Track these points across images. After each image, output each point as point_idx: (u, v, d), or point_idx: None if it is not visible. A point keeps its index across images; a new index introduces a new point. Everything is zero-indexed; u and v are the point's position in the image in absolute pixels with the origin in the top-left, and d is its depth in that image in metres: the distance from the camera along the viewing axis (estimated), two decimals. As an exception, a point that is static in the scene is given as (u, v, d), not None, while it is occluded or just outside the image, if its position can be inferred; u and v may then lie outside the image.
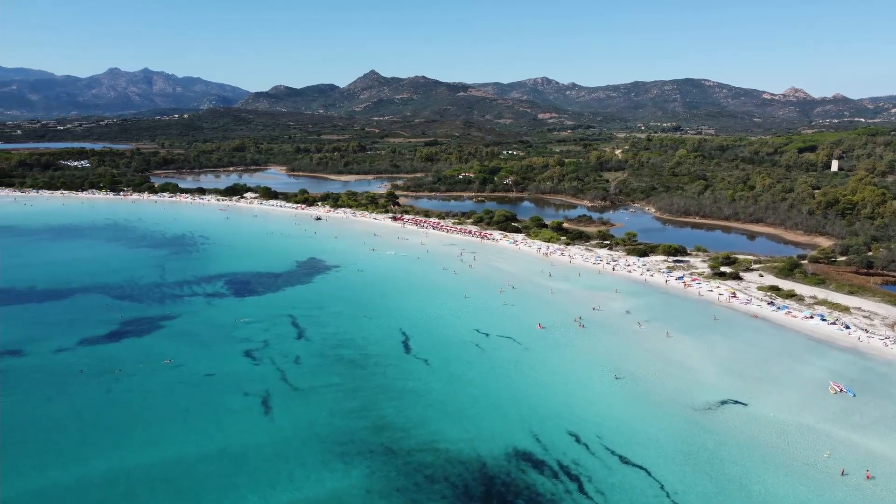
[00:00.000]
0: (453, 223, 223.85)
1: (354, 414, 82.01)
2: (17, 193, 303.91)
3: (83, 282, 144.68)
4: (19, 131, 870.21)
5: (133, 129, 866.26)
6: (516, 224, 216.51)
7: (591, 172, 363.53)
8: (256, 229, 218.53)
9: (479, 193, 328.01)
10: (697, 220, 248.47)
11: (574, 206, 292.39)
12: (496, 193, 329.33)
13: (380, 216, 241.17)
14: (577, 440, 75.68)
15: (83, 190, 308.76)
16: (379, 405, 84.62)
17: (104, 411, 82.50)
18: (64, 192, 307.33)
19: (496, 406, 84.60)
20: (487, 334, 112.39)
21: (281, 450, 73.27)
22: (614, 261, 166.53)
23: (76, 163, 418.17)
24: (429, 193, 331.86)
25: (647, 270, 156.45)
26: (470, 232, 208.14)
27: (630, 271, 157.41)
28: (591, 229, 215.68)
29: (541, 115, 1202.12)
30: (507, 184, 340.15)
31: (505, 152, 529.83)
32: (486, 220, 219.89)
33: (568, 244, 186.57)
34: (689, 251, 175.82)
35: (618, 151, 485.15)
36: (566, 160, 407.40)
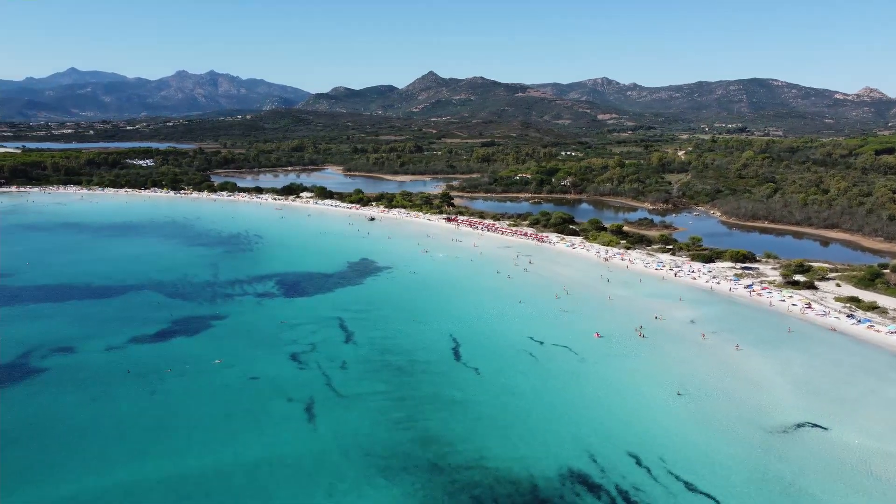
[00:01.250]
0: (508, 225, 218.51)
1: (400, 425, 78.04)
2: (84, 191, 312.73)
3: (138, 279, 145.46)
4: (92, 131, 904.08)
5: (198, 130, 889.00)
6: (574, 226, 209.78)
7: (653, 174, 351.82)
8: (310, 229, 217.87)
9: (535, 195, 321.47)
10: (766, 224, 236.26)
11: (634, 209, 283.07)
12: (553, 195, 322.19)
13: (434, 217, 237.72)
14: (638, 463, 69.83)
15: (146, 188, 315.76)
16: (425, 416, 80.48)
17: (146, 414, 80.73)
18: (128, 190, 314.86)
19: (550, 421, 79.32)
20: (542, 342, 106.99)
21: (321, 461, 69.96)
22: (677, 266, 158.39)
23: (141, 162, 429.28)
24: (484, 194, 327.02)
25: (713, 277, 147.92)
26: (526, 234, 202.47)
27: (694, 278, 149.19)
28: (653, 233, 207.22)
29: (600, 116, 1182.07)
30: (564, 185, 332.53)
31: (563, 153, 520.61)
32: (543, 223, 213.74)
33: (628, 248, 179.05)
34: (758, 258, 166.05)
35: (680, 153, 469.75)
36: (626, 161, 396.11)
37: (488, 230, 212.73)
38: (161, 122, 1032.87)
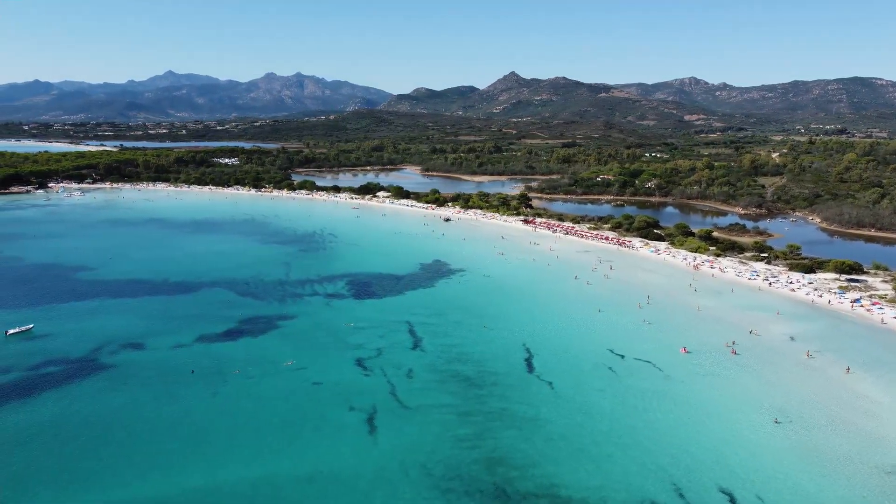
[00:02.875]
0: (589, 228, 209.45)
1: (465, 443, 72.33)
2: (172, 188, 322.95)
3: (212, 276, 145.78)
4: (184, 131, 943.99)
5: (283, 130, 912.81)
6: (659, 231, 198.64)
7: (744, 177, 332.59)
8: (384, 229, 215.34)
9: (617, 197, 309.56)
10: (873, 233, 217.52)
11: (724, 214, 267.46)
12: (637, 197, 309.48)
13: (511, 218, 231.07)
14: (731, 501, 61.60)
15: (228, 186, 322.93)
16: (494, 434, 74.43)
17: (204, 417, 78.17)
18: (212, 187, 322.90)
19: (631, 447, 71.74)
20: (622, 356, 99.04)
21: (379, 479, 65.08)
22: (773, 277, 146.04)
23: (227, 160, 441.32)
24: (564, 196, 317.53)
25: (815, 290, 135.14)
26: (607, 238, 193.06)
27: (793, 290, 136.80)
28: (745, 239, 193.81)
29: (687, 117, 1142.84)
30: (649, 187, 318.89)
31: (647, 154, 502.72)
32: (626, 226, 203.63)
33: (718, 255, 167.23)
34: (865, 269, 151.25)
35: (774, 155, 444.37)
36: (715, 164, 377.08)
37: (567, 233, 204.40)
38: (249, 123, 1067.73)
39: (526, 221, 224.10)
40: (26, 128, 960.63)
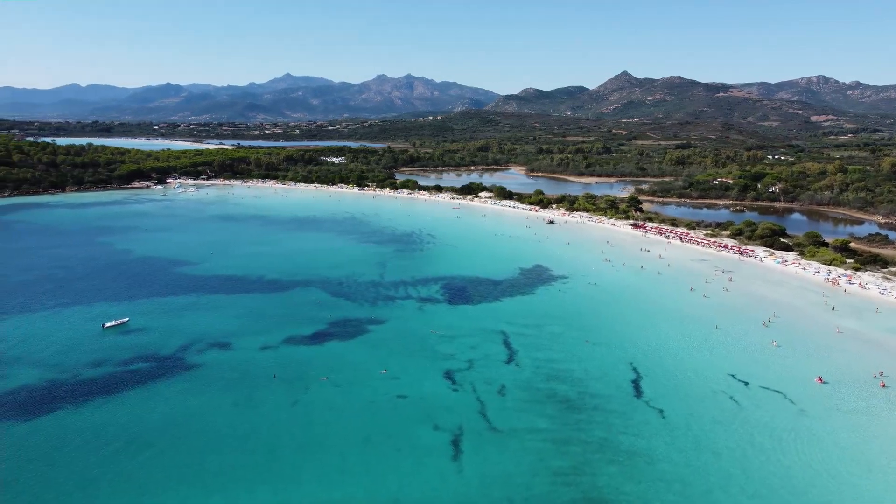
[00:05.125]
0: (705, 235, 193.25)
1: (561, 477, 63.52)
2: (279, 185, 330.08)
3: (307, 274, 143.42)
4: (298, 131, 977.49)
5: (391, 130, 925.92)
6: (786, 240, 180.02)
7: (884, 182, 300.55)
8: (484, 230, 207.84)
9: (737, 202, 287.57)
10: None
11: (860, 222, 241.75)
12: (758, 203, 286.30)
13: (619, 222, 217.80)
14: (893, 581, 49.60)
15: (333, 184, 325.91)
16: (594, 469, 65.14)
17: (282, 428, 73.29)
18: (317, 185, 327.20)
19: (759, 496, 60.58)
20: (746, 383, 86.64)
21: (461, 514, 57.51)
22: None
23: (334, 159, 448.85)
24: (677, 199, 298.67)
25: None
26: (726, 246, 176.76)
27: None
28: (889, 252, 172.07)
29: (814, 118, 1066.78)
30: (772, 192, 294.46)
31: (770, 157, 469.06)
32: (747, 234, 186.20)
33: (857, 269, 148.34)
34: None
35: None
36: (849, 167, 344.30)
37: (681, 239, 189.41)
38: (358, 123, 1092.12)
39: (635, 226, 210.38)
40: (156, 127, 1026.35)
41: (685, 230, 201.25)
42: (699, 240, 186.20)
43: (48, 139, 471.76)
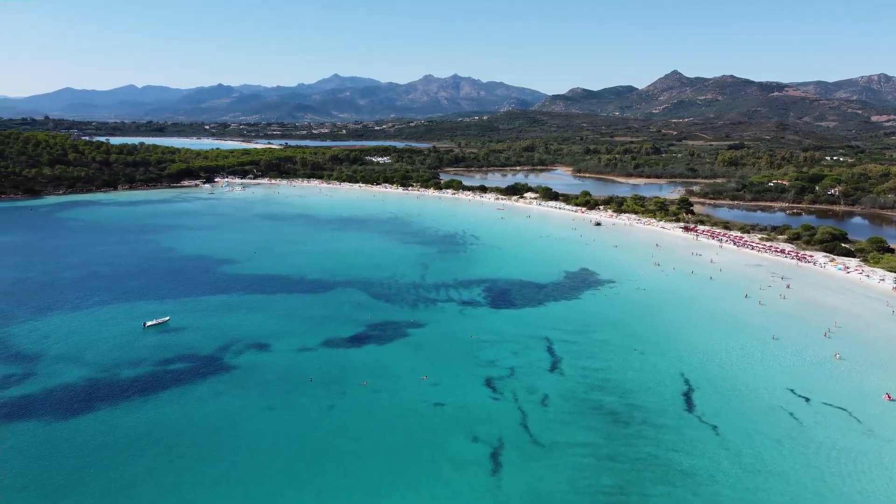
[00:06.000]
0: (760, 239, 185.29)
1: (606, 497, 59.75)
2: (324, 185, 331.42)
3: (348, 275, 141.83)
4: (344, 131, 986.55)
5: (436, 130, 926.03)
6: (847, 245, 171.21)
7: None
8: (529, 232, 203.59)
9: (793, 204, 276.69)
10: None
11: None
12: (816, 206, 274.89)
13: (669, 225, 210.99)
14: None
15: (378, 184, 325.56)
16: (642, 489, 61.10)
17: (316, 433, 71.14)
18: (362, 185, 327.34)
19: (824, 527, 55.75)
20: (807, 399, 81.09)
21: (499, 535, 54.23)
22: None
23: (379, 159, 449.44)
24: (730, 202, 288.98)
25: None
26: (782, 251, 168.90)
27: None
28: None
29: (875, 118, 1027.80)
30: (831, 195, 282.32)
31: (828, 158, 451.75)
32: (805, 238, 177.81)
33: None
34: None
35: None
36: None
37: (734, 243, 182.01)
38: (405, 123, 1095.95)
39: (686, 229, 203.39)
40: (207, 127, 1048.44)
41: (738, 234, 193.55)
42: (754, 244, 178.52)
43: (102, 139, 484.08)
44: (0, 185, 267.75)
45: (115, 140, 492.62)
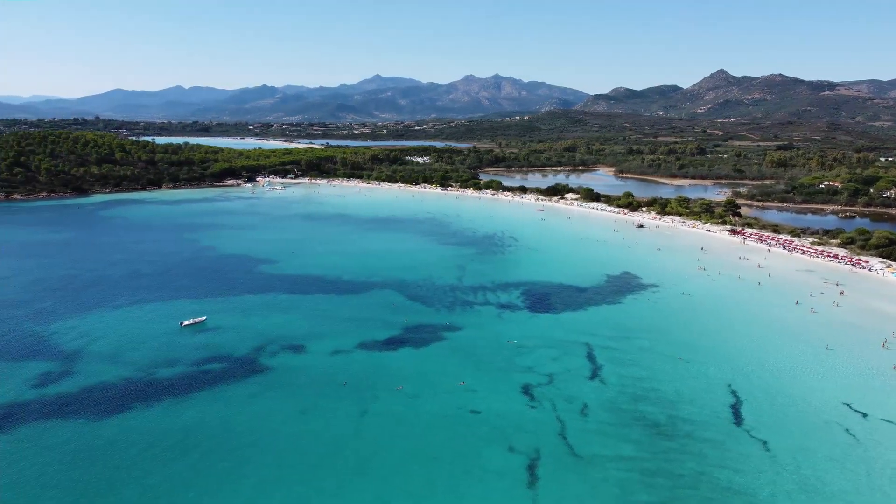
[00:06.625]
0: (811, 243, 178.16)
1: (647, 516, 56.65)
2: (363, 185, 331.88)
3: (384, 276, 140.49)
4: (385, 131, 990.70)
5: (477, 130, 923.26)
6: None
7: None
8: (569, 233, 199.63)
9: (846, 207, 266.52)
10: None
11: None
12: (871, 209, 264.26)
13: (714, 227, 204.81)
14: None
15: (416, 184, 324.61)
16: (686, 508, 57.86)
17: (347, 440, 69.45)
18: (400, 185, 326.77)
19: (886, 556, 51.80)
20: (864, 414, 76.46)
21: (534, 554, 51.68)
22: None
23: (419, 159, 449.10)
24: (779, 204, 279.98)
25: None
26: (835, 256, 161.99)
27: None
28: None
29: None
30: (887, 197, 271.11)
31: (883, 159, 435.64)
32: (860, 243, 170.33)
33: None
34: None
35: None
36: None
37: (783, 247, 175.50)
38: (445, 123, 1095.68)
39: (733, 232, 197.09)
40: (251, 127, 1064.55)
41: (788, 237, 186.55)
42: (804, 248, 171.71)
43: (149, 138, 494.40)
44: (51, 184, 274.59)
45: (161, 140, 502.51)
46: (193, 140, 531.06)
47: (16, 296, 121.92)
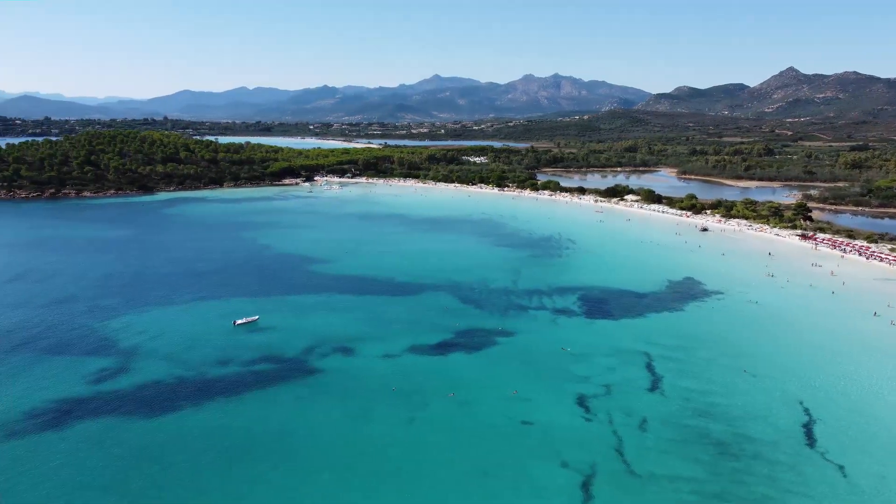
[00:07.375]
0: (890, 250, 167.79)
1: (711, 544, 52.66)
2: (419, 184, 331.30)
3: (436, 278, 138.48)
4: (443, 131, 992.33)
5: (535, 130, 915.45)
6: None
7: None
8: (629, 236, 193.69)
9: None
10: None
11: None
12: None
13: (784, 232, 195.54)
14: None
15: (473, 184, 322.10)
16: (754, 537, 53.58)
17: (393, 449, 67.46)
18: (457, 185, 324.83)
19: None
20: (955, 440, 70.12)
21: (586, 581, 48.49)
22: None
23: (476, 158, 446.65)
24: (853, 208, 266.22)
25: None
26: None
27: None
28: None
29: None
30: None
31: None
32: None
33: None
34: None
35: None
36: None
37: (859, 254, 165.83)
38: (503, 123, 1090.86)
39: (803, 237, 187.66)
40: (311, 127, 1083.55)
41: (864, 243, 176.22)
42: (883, 255, 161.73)
43: (213, 138, 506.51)
44: (118, 182, 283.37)
45: (224, 139, 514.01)
46: (255, 140, 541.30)
47: (79, 292, 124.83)
